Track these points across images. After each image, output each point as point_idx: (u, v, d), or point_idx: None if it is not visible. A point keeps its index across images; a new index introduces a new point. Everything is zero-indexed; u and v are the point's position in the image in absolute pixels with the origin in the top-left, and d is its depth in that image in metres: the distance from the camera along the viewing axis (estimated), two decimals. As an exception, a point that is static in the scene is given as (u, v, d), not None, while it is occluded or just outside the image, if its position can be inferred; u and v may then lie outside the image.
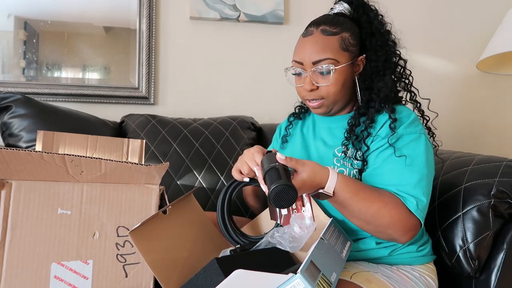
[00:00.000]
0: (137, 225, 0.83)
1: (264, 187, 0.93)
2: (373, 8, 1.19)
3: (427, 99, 1.21)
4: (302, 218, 1.00)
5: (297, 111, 1.39)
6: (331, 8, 1.23)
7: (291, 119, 1.38)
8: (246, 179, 1.08)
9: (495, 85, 2.45)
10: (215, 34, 2.14)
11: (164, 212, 0.91)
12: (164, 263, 0.85)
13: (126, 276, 0.88)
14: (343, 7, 1.19)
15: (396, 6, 2.30)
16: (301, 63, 1.13)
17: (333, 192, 0.96)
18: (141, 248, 0.82)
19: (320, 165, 0.97)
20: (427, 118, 1.21)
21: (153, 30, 2.04)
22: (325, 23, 1.12)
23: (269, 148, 1.45)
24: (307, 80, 1.12)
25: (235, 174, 1.10)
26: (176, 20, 2.10)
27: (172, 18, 2.10)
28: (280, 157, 0.94)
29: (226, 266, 0.79)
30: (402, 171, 1.02)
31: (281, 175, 0.87)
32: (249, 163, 1.05)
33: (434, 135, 1.21)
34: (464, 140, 2.41)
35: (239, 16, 2.10)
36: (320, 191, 0.95)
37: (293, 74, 1.18)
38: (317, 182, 0.95)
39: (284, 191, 0.84)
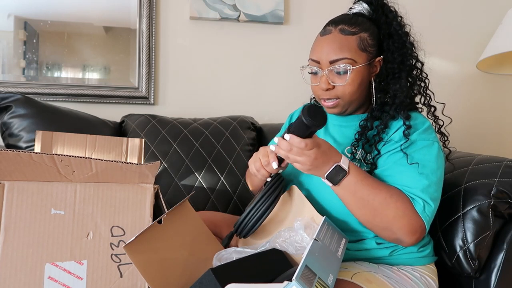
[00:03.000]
0: (132, 239, 0.82)
1: (286, 136, 0.94)
2: (392, 9, 1.18)
3: (442, 103, 1.20)
4: (308, 224, 0.99)
5: (312, 102, 1.37)
6: (350, 8, 1.22)
7: None
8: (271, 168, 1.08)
9: (495, 85, 2.44)
10: (215, 34, 2.14)
11: (159, 221, 0.90)
12: (161, 275, 0.85)
13: (121, 276, 0.87)
14: (362, 7, 1.18)
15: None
16: (318, 62, 1.12)
17: (348, 168, 0.97)
18: (137, 262, 0.82)
19: None
20: (441, 123, 1.20)
21: (153, 30, 2.04)
22: (344, 22, 1.11)
23: (276, 136, 1.46)
24: (323, 79, 1.11)
25: (251, 168, 1.11)
26: (176, 20, 2.10)
27: (172, 18, 2.10)
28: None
29: (222, 276, 0.79)
30: (411, 175, 1.01)
31: None
32: (261, 157, 1.07)
33: (448, 141, 1.20)
34: (464, 140, 2.41)
35: (239, 16, 2.10)
36: (336, 163, 0.96)
37: (309, 73, 1.17)
38: (333, 150, 0.97)
39: (316, 107, 0.88)
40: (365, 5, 1.18)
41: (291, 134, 0.93)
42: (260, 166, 1.07)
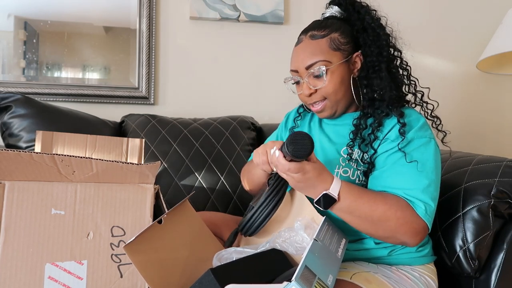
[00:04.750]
0: (132, 239, 0.82)
1: (277, 152, 0.94)
2: (364, 4, 1.19)
3: (427, 88, 1.20)
4: (308, 225, 0.99)
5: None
6: (322, 14, 1.25)
7: (301, 110, 1.38)
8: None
9: (495, 85, 2.45)
10: (215, 34, 2.14)
11: (160, 221, 0.90)
12: (161, 275, 0.85)
13: (121, 276, 0.87)
14: (333, 10, 1.21)
15: (396, 6, 2.29)
16: (296, 71, 1.16)
17: (338, 195, 0.96)
18: (137, 262, 0.81)
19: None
20: (431, 107, 1.19)
21: (153, 30, 2.04)
22: (313, 28, 1.15)
23: (274, 133, 1.49)
24: (305, 86, 1.15)
25: (255, 158, 1.10)
26: (176, 20, 2.10)
27: (172, 18, 2.10)
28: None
29: (222, 277, 0.78)
30: (411, 175, 1.01)
31: None
32: (269, 151, 1.05)
33: (441, 124, 1.19)
34: (464, 140, 2.41)
35: (239, 16, 2.10)
36: (325, 192, 0.95)
37: (293, 84, 1.22)
38: (323, 178, 0.95)
39: (301, 135, 0.87)
40: (336, 8, 1.21)
41: (280, 152, 0.92)
42: (265, 161, 1.06)
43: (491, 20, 2.37)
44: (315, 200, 0.98)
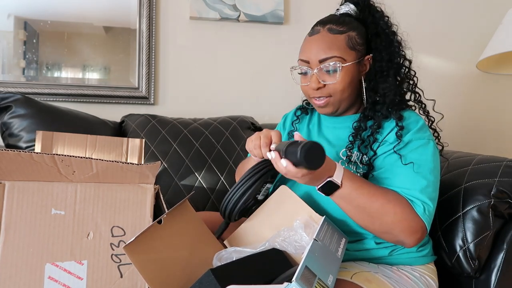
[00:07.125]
0: (132, 239, 0.82)
1: (283, 161, 0.91)
2: (379, 9, 1.19)
3: (432, 100, 1.21)
4: (307, 223, 0.99)
5: (304, 105, 1.38)
6: (337, 9, 1.23)
7: (298, 113, 1.37)
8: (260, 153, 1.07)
9: (495, 85, 2.45)
10: (215, 34, 2.14)
11: (159, 221, 0.90)
12: (161, 276, 0.85)
13: (121, 276, 0.87)
14: (349, 8, 1.19)
15: (396, 6, 2.29)
16: (308, 62, 1.13)
17: (341, 182, 0.96)
18: (136, 262, 0.81)
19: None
20: (432, 120, 1.20)
21: (153, 30, 2.05)
22: (332, 22, 1.12)
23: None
24: (314, 78, 1.11)
25: (248, 144, 1.10)
26: (176, 20, 2.10)
27: (172, 18, 2.10)
28: (298, 133, 0.97)
29: (222, 277, 0.78)
30: (409, 176, 1.01)
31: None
32: (262, 137, 1.05)
33: (439, 137, 1.20)
34: (464, 140, 2.41)
35: (239, 16, 2.10)
36: (329, 179, 0.95)
37: (299, 74, 1.18)
38: (327, 168, 0.94)
39: (315, 146, 0.84)
40: (352, 6, 1.19)
41: (287, 161, 0.90)
42: (258, 145, 1.06)
43: (491, 20, 2.37)
44: (318, 187, 0.98)
